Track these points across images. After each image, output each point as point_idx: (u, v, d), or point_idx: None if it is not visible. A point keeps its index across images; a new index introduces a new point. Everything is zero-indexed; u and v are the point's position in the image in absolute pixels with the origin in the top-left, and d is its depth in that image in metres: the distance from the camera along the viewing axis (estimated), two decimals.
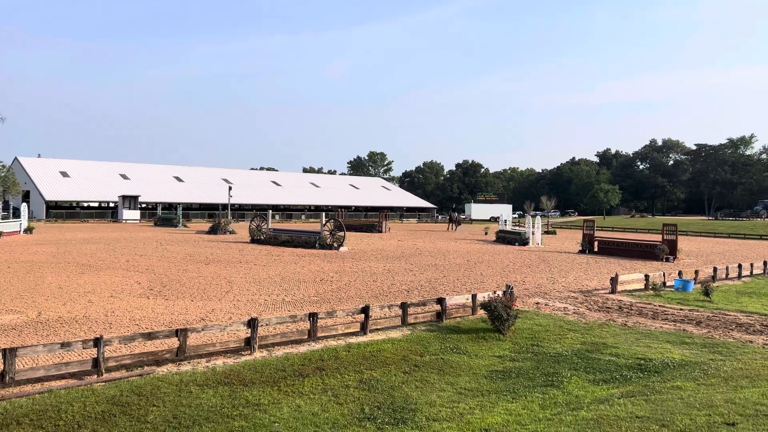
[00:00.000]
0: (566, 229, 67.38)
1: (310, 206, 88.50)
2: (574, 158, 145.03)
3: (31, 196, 66.71)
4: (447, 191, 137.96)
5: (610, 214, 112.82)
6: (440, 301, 12.79)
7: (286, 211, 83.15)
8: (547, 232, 50.79)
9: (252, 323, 9.78)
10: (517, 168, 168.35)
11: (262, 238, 35.29)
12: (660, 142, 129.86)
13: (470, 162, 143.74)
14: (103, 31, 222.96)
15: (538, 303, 15.52)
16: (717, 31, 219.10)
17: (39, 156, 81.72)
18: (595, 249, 32.90)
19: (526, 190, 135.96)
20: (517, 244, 38.36)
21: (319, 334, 10.75)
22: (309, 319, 10.66)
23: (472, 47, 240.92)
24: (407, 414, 7.12)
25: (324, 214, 40.22)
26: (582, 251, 32.98)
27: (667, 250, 29.00)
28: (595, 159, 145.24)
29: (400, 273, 21.21)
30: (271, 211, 45.08)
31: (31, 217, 47.16)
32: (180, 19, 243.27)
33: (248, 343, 9.81)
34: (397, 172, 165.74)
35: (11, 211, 54.35)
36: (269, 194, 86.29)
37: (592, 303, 15.77)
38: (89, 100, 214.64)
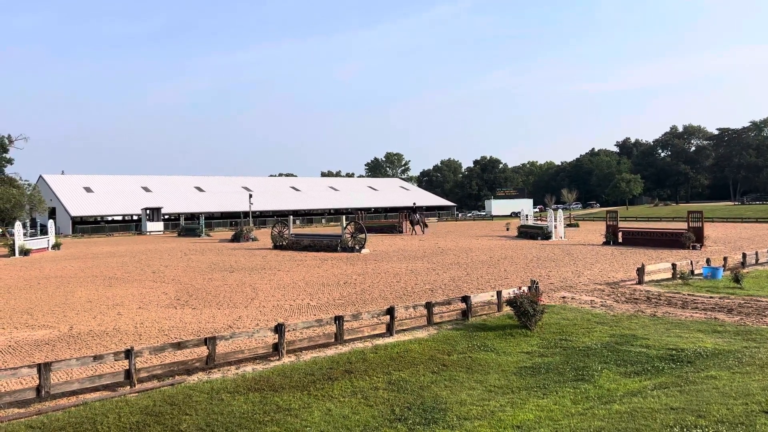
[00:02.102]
0: (589, 221, 66.71)
1: (329, 210, 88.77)
2: (593, 149, 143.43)
3: (57, 213, 67.95)
4: (466, 188, 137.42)
5: (632, 203, 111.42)
6: (465, 299, 12.74)
7: (307, 216, 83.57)
8: (569, 225, 50.30)
9: (279, 329, 9.84)
10: (536, 162, 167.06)
11: (284, 243, 35.51)
12: (681, 129, 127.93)
13: (488, 158, 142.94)
14: (117, 48, 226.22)
15: (564, 297, 15.38)
16: (734, 10, 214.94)
17: (63, 173, 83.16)
18: (620, 240, 32.51)
19: (546, 184, 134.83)
20: (539, 238, 38.07)
21: (346, 337, 10.78)
22: (335, 323, 10.70)
23: (483, 42, 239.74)
24: (438, 414, 7.10)
25: (344, 217, 40.30)
26: (606, 243, 32.62)
27: (694, 238, 28.54)
28: (615, 149, 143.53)
29: (423, 273, 21.18)
30: (291, 216, 45.32)
31: (57, 233, 48.03)
32: (190, 32, 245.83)
33: (276, 349, 9.88)
34: (414, 171, 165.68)
35: (39, 228, 55.31)
36: (289, 200, 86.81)
37: (619, 295, 15.58)
38: (108, 116, 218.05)
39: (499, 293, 13.47)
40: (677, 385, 7.73)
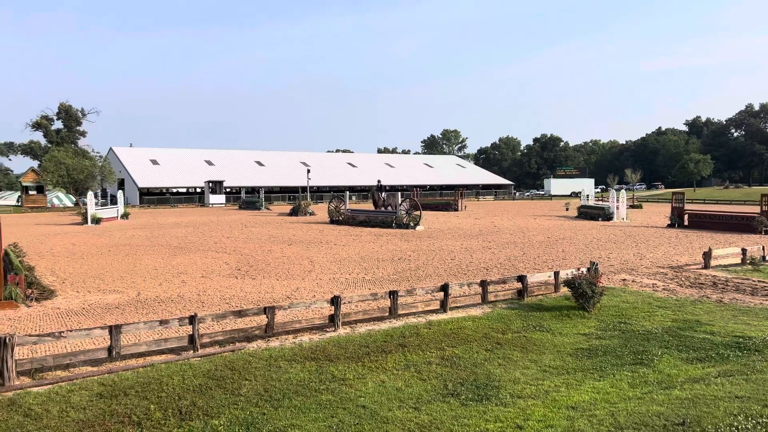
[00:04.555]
0: (653, 202, 64.33)
1: (385, 186, 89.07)
2: (660, 128, 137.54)
3: (125, 184, 70.95)
4: (524, 167, 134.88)
5: (700, 185, 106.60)
6: (521, 278, 12.60)
7: (363, 192, 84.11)
8: (632, 206, 48.67)
9: (335, 301, 10.03)
10: (599, 140, 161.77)
11: (340, 218, 35.93)
12: (757, 107, 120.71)
13: (548, 136, 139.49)
14: (182, 23, 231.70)
15: (624, 280, 14.98)
16: None
17: (131, 145, 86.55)
18: (685, 223, 31.24)
19: (609, 163, 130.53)
20: (600, 219, 37.05)
21: (400, 312, 10.89)
22: (389, 297, 10.81)
23: (546, 15, 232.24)
24: (491, 391, 7.11)
25: (399, 193, 40.36)
26: (671, 225, 31.42)
27: (767, 222, 27.10)
28: (684, 128, 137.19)
29: (477, 251, 21.03)
30: (348, 192, 45.76)
31: (126, 204, 50.22)
32: (252, 6, 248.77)
33: (332, 320, 10.09)
34: (471, 149, 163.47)
35: (109, 198, 58.01)
36: (346, 176, 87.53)
37: (683, 279, 15.04)
38: (173, 91, 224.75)
39: (556, 273, 13.25)
40: (743, 373, 7.45)
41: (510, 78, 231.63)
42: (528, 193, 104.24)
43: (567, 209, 48.61)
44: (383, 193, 39.22)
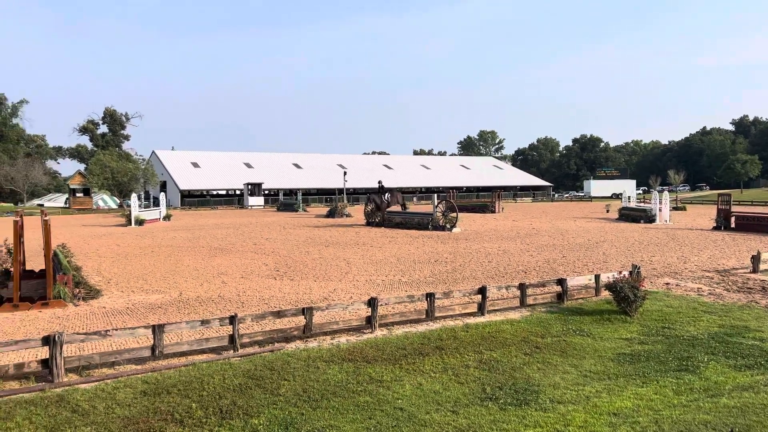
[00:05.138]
0: (697, 204, 62.50)
1: (421, 188, 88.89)
2: (704, 128, 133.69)
3: (167, 186, 72.64)
4: (563, 168, 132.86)
5: (748, 187, 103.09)
6: (561, 281, 12.40)
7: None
8: (675, 208, 47.38)
9: (372, 303, 10.06)
10: (641, 141, 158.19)
11: (376, 220, 36.01)
12: None
13: (588, 136, 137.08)
14: (222, 26, 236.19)
15: (668, 283, 14.60)
16: None
17: (173, 149, 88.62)
18: (732, 225, 30.24)
19: (651, 164, 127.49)
20: (642, 221, 36.19)
21: (437, 314, 10.84)
22: (426, 299, 10.78)
23: (584, 14, 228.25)
24: (530, 395, 7.02)
25: (435, 195, 40.22)
26: (717, 228, 30.46)
27: None
28: (730, 127, 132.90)
29: (516, 253, 20.80)
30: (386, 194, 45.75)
31: (168, 206, 51.43)
32: (290, 9, 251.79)
33: (369, 322, 10.12)
34: (509, 150, 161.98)
35: (151, 200, 59.47)
36: (382, 177, 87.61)
37: (730, 283, 14.57)
38: (213, 94, 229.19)
39: (597, 277, 13.00)
40: None
41: (548, 78, 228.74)
42: (567, 195, 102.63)
43: (607, 211, 47.62)
44: (386, 195, 34.93)
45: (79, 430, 6.05)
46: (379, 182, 32.85)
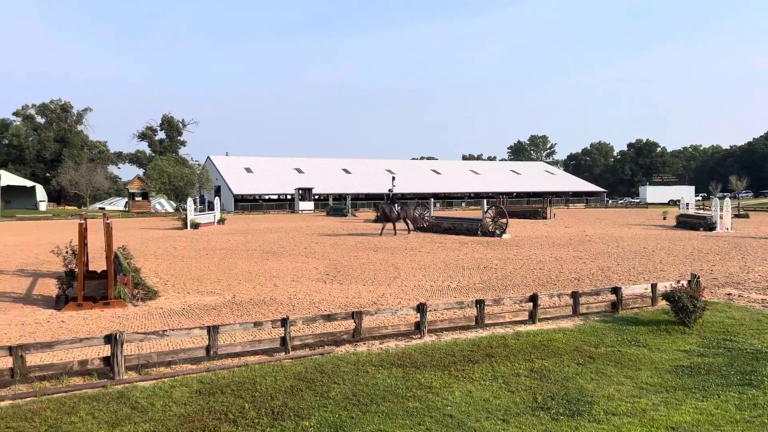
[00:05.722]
0: (762, 211, 59.76)
1: (470, 194, 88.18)
2: None
3: (221, 191, 74.55)
4: (618, 173, 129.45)
5: None
6: (615, 290, 12.07)
7: (447, 199, 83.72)
8: (737, 216, 45.41)
9: (421, 308, 10.05)
10: (700, 145, 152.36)
11: (424, 225, 35.96)
12: None
13: (644, 141, 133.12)
14: (272, 35, 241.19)
15: (729, 294, 14.00)
16: None
17: (227, 154, 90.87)
18: None
19: (711, 170, 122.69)
20: (701, 229, 34.85)
21: (486, 321, 10.73)
22: (476, 306, 10.69)
23: (640, 16, 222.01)
24: (583, 406, 6.86)
25: (485, 201, 39.84)
26: None
27: None
28: None
29: (568, 261, 20.37)
30: (432, 199, 45.70)
31: (222, 210, 52.76)
32: (340, 16, 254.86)
33: (418, 328, 10.11)
34: (561, 155, 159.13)
35: (206, 204, 61.14)
36: (430, 183, 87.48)
37: None
38: (265, 100, 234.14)
39: (653, 286, 12.60)
40: None
41: (602, 81, 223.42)
42: (621, 201, 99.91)
43: (664, 218, 46.09)
44: (396, 205, 32.50)
45: (138, 427, 6.27)
46: (389, 190, 31.28)
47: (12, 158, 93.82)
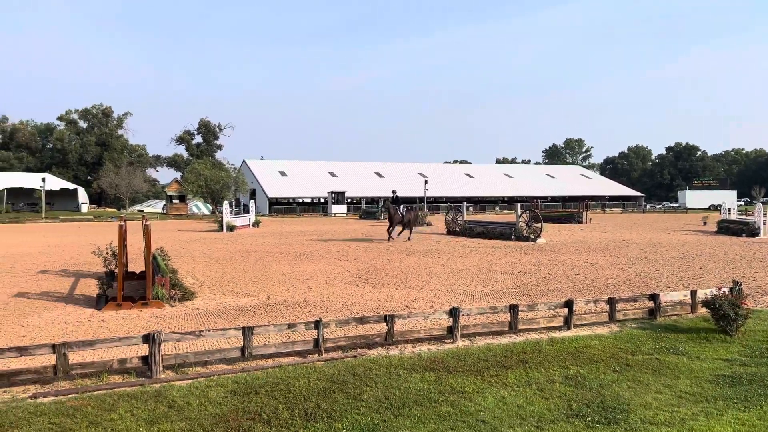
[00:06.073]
0: None
1: (503, 197, 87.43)
2: None
3: (256, 194, 75.58)
4: (656, 177, 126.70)
5: None
6: (653, 297, 11.81)
7: (480, 203, 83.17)
8: None
9: (453, 312, 10.01)
10: (742, 149, 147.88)
11: (457, 229, 35.79)
12: None
13: (683, 144, 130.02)
14: (306, 41, 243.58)
15: None
16: None
17: (262, 158, 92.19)
18: None
19: (754, 174, 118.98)
20: (744, 235, 33.83)
21: (520, 327, 10.62)
22: (509, 311, 10.59)
23: (679, 16, 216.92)
24: (619, 414, 6.73)
25: (519, 205, 39.44)
26: None
27: None
28: None
29: (604, 266, 20.01)
30: (465, 203, 45.45)
31: (257, 212, 53.47)
32: (374, 22, 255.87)
33: (450, 332, 10.06)
34: (597, 158, 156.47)
35: (242, 207, 61.99)
36: (463, 186, 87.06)
37: None
38: (299, 105, 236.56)
39: (693, 293, 12.28)
40: None
41: (639, 84, 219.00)
42: (660, 206, 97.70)
43: (705, 224, 44.89)
44: (402, 208, 31.20)
45: (175, 425, 6.40)
46: (393, 191, 30.52)
47: (56, 161, 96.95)
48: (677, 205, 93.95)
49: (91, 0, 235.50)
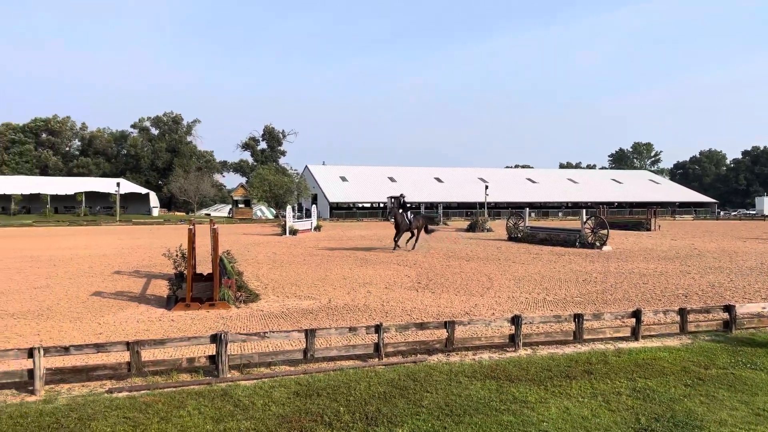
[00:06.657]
0: None
1: (567, 203, 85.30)
2: None
3: (318, 199, 76.87)
4: (731, 183, 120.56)
5: None
6: (728, 308, 11.24)
7: (542, 209, 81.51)
8: None
9: (516, 320, 9.85)
10: None
11: (519, 236, 35.21)
12: None
13: (761, 148, 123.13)
14: (367, 47, 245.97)
15: None
16: None
17: (324, 163, 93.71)
18: None
19: None
20: None
21: (585, 337, 10.33)
22: (574, 320, 10.32)
23: (749, 16, 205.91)
24: (691, 430, 6.45)
25: (584, 211, 38.37)
26: None
27: None
28: None
29: (674, 275, 19.20)
30: (527, 209, 44.64)
31: (318, 217, 54.34)
32: (436, 26, 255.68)
33: (512, 340, 9.91)
34: (666, 163, 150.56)
35: (304, 211, 63.15)
36: (524, 192, 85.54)
37: None
38: (359, 111, 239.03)
39: None
40: None
41: (713, 85, 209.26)
42: (735, 213, 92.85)
43: None
44: (409, 213, 29.02)
45: (240, 424, 6.58)
46: (402, 195, 29.09)
47: (129, 167, 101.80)
48: (754, 212, 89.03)
49: (162, 10, 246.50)
